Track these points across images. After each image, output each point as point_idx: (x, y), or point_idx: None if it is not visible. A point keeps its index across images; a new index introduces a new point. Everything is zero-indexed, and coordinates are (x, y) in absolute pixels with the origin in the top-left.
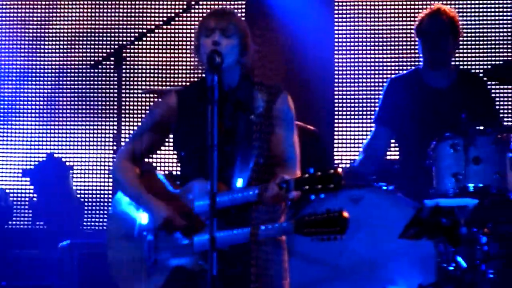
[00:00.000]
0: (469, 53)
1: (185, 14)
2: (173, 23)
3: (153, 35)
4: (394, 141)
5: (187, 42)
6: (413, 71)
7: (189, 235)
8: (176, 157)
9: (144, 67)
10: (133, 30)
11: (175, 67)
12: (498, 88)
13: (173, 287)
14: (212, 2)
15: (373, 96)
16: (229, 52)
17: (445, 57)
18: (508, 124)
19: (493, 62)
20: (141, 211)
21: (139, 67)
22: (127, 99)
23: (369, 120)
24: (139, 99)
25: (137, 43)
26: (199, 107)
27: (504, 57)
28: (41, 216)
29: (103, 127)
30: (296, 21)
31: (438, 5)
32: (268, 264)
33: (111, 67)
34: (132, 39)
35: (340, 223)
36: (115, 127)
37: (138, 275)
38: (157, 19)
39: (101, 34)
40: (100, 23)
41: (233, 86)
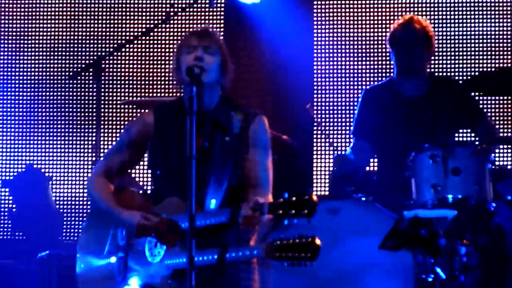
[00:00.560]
0: (448, 63)
1: (164, 25)
2: (152, 34)
3: (132, 46)
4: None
5: (166, 53)
6: (387, 81)
7: (163, 239)
8: (150, 175)
9: (123, 78)
10: (112, 41)
11: (154, 78)
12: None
13: None
14: (190, 14)
15: (352, 106)
16: (211, 69)
17: (418, 65)
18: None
19: (473, 72)
20: (113, 228)
21: (118, 78)
22: (106, 110)
23: (347, 130)
24: (118, 110)
25: (116, 54)
26: (175, 125)
27: (483, 67)
28: (20, 226)
29: (82, 137)
30: (275, 33)
31: (410, 15)
32: (238, 282)
33: (90, 78)
34: (111, 50)
35: (311, 249)
36: (94, 137)
37: None
38: (136, 30)
39: (80, 44)
40: (79, 34)
41: (211, 106)
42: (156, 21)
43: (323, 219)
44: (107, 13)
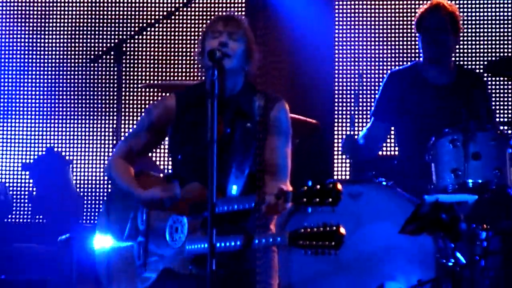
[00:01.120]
0: (469, 49)
1: (185, 8)
2: (173, 17)
3: (153, 29)
4: (393, 136)
5: (188, 36)
6: (412, 65)
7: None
8: (171, 160)
9: (144, 62)
10: (133, 24)
11: (175, 61)
12: (497, 83)
13: (164, 286)
14: None
15: (373, 91)
16: (235, 55)
17: (445, 52)
18: (509, 119)
19: (494, 57)
20: (133, 212)
21: (139, 61)
22: (127, 93)
23: (367, 114)
24: (139, 93)
25: (137, 37)
26: (197, 110)
27: (504, 53)
28: (41, 210)
29: (103, 121)
30: (296, 18)
31: (437, 0)
32: (256, 263)
33: (111, 61)
34: (132, 33)
35: (335, 238)
36: (115, 121)
37: (125, 275)
38: (157, 13)
39: (101, 28)
40: (100, 17)
41: (234, 92)
42: (177, 4)
43: (344, 203)
44: None
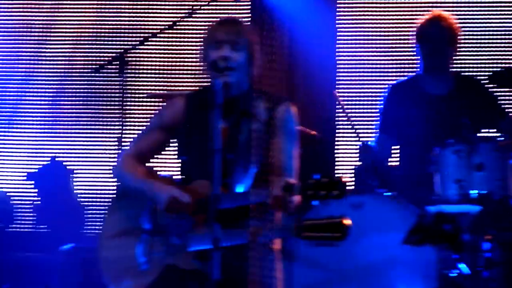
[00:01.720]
0: (473, 59)
1: (188, 18)
2: (176, 27)
3: (156, 39)
4: (397, 147)
5: (191, 46)
6: (412, 77)
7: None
8: (178, 163)
9: (147, 71)
10: (136, 34)
11: (179, 71)
12: (502, 94)
13: (163, 285)
14: (216, 7)
15: (374, 100)
16: (239, 66)
17: (444, 63)
18: None
19: (498, 68)
20: (139, 211)
21: (143, 71)
22: (130, 103)
23: (369, 124)
24: (142, 103)
25: (140, 47)
26: (205, 113)
27: (508, 63)
28: (44, 219)
29: (106, 131)
30: (299, 26)
31: (438, 12)
32: (260, 271)
33: (115, 71)
34: (135, 43)
35: (341, 229)
36: (118, 131)
37: (128, 272)
38: (160, 23)
39: (104, 38)
40: (103, 27)
41: (240, 93)
42: (180, 14)
43: (346, 213)
44: (131, 6)
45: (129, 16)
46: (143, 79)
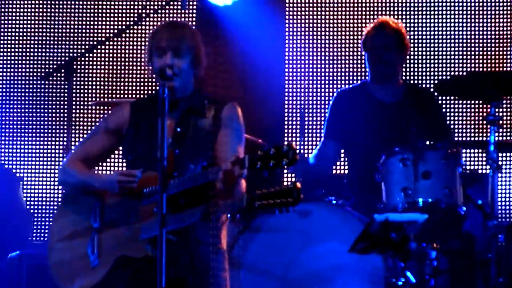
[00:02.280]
0: (419, 67)
1: (135, 26)
2: (123, 35)
3: (103, 47)
4: (343, 154)
5: (138, 54)
6: (360, 84)
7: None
8: (125, 162)
9: (94, 79)
10: (84, 42)
11: (126, 79)
12: (448, 102)
13: (116, 276)
14: (162, 15)
15: (323, 109)
16: (182, 72)
17: (391, 71)
18: (460, 138)
19: (444, 76)
20: (86, 212)
21: (90, 79)
22: (77, 111)
23: (318, 133)
24: (89, 111)
25: (87, 55)
26: (150, 115)
27: (455, 71)
28: None
29: (54, 138)
30: (247, 36)
31: (383, 19)
32: (208, 270)
33: (62, 79)
34: (83, 51)
35: (293, 193)
36: (65, 138)
37: (80, 271)
38: (107, 31)
39: (51, 45)
40: (51, 34)
41: (185, 95)
42: (128, 22)
43: (293, 221)
44: (79, 14)
45: (77, 23)
46: (90, 87)
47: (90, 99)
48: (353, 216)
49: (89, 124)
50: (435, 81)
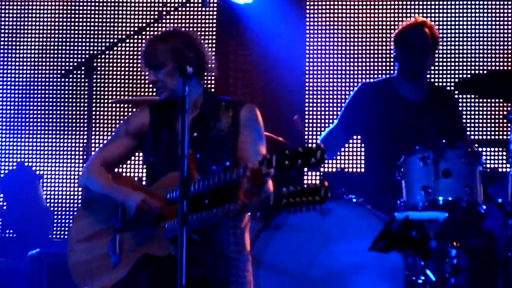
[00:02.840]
0: (440, 66)
1: (156, 24)
2: (144, 33)
3: (124, 44)
4: (364, 152)
5: None
6: (385, 79)
7: (161, 219)
8: (145, 166)
9: (115, 77)
10: (104, 39)
11: (146, 77)
12: (467, 101)
13: (138, 275)
14: (183, 13)
15: (340, 104)
16: (166, 83)
17: (423, 70)
18: (480, 137)
19: (464, 75)
20: (107, 213)
21: (110, 76)
22: (97, 109)
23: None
24: (109, 109)
25: (108, 52)
26: (169, 119)
27: (476, 69)
28: (11, 224)
29: (74, 136)
30: (267, 33)
31: (421, 18)
32: (232, 270)
33: (82, 76)
34: (103, 48)
35: (320, 192)
36: (85, 136)
37: (101, 270)
38: (128, 29)
39: (72, 43)
40: (71, 32)
41: (193, 99)
42: (148, 20)
43: (314, 220)
44: (99, 12)
45: (97, 21)
46: (111, 84)
47: (110, 97)
48: (373, 214)
49: (110, 121)
50: (455, 80)
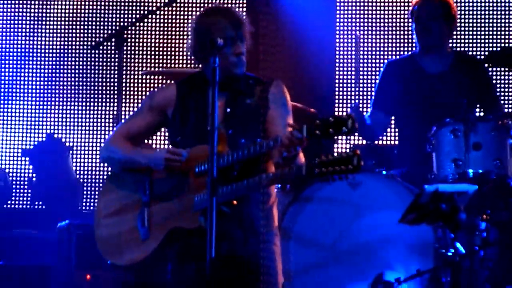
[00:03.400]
0: (470, 38)
1: None
2: (174, 4)
3: (154, 16)
4: (393, 125)
5: (188, 24)
6: (409, 55)
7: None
8: (171, 144)
9: (145, 49)
10: (134, 11)
11: (176, 48)
12: (500, 73)
13: (168, 248)
14: None
15: (373, 81)
16: (245, 58)
17: (437, 41)
18: (510, 110)
19: (495, 47)
20: (134, 186)
21: (140, 48)
22: (127, 81)
23: (368, 105)
24: (139, 81)
25: (138, 24)
26: (197, 95)
27: (504, 43)
28: (40, 196)
29: (103, 108)
30: (298, 9)
31: None
32: (262, 245)
33: (112, 48)
34: (133, 20)
35: (353, 160)
36: (115, 108)
37: (130, 244)
38: (158, 0)
39: (102, 15)
40: (101, 4)
41: (230, 75)
42: None
43: (344, 192)
44: None
45: None
46: (141, 56)
47: (140, 69)
48: (403, 186)
49: (140, 93)
50: (485, 52)
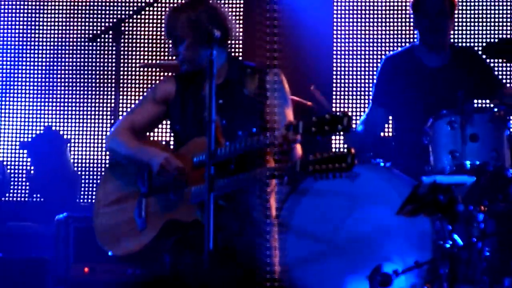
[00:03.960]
0: (467, 30)
1: None
2: None
3: (152, 8)
4: (391, 116)
5: None
6: (408, 48)
7: (182, 181)
8: (172, 133)
9: (142, 41)
10: (131, 3)
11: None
12: (497, 65)
13: (164, 240)
14: None
15: (371, 72)
16: (185, 58)
17: (446, 39)
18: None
19: (492, 39)
20: (133, 177)
21: (138, 40)
22: (125, 73)
23: (365, 96)
24: (137, 73)
25: (136, 16)
26: (194, 87)
27: (501, 34)
28: (38, 188)
29: (101, 100)
30: (294, 2)
31: None
32: (258, 236)
33: (110, 40)
34: (131, 12)
35: (347, 159)
36: (113, 100)
37: (127, 234)
38: None
39: (100, 7)
40: None
41: (219, 67)
42: None
43: (341, 184)
44: None
45: None
46: (138, 49)
47: (138, 61)
48: (400, 178)
49: (137, 86)
50: (483, 44)
